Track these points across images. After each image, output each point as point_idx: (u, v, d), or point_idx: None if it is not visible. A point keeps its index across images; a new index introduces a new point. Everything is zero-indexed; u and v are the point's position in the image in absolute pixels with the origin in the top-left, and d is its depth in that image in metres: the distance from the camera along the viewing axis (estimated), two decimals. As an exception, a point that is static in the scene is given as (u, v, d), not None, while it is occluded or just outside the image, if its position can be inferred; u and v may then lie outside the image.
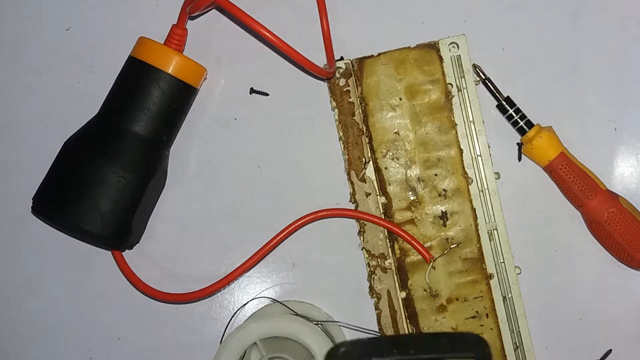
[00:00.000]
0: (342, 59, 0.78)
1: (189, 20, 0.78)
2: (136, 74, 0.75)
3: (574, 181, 0.74)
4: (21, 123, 0.82)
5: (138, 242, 0.79)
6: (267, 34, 0.71)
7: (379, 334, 0.77)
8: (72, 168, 0.74)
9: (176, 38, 0.77)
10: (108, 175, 0.72)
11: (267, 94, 0.80)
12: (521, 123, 0.76)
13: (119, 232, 0.74)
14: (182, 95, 0.76)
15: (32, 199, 0.75)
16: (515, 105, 0.76)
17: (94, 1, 0.81)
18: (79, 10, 0.81)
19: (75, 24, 0.81)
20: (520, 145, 0.77)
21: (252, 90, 0.80)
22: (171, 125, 0.77)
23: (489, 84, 0.76)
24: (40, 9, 0.82)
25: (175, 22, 0.77)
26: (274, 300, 0.79)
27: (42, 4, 0.82)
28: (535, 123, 0.76)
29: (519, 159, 0.78)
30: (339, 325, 0.78)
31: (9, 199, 0.82)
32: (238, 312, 0.80)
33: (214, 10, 0.80)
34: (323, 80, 0.78)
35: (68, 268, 0.81)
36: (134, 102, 0.74)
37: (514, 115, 0.76)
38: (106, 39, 0.81)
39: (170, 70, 0.74)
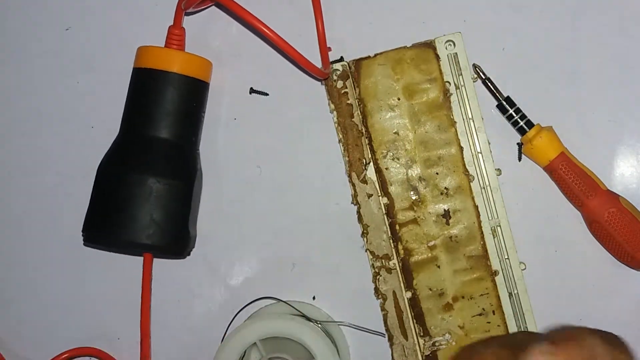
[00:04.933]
0: (342, 59, 0.78)
1: (187, 19, 0.78)
2: (147, 83, 0.75)
3: (574, 181, 0.74)
4: (20, 123, 0.81)
5: (194, 247, 0.79)
6: (264, 29, 0.70)
7: (382, 334, 0.77)
8: (115, 189, 0.73)
9: (175, 38, 0.77)
10: (153, 186, 0.72)
11: (267, 94, 0.80)
12: (521, 123, 0.76)
13: (180, 239, 0.74)
14: (196, 92, 0.76)
15: (82, 231, 0.75)
16: (515, 105, 0.76)
17: (94, 1, 0.81)
18: (78, 10, 0.81)
19: (74, 24, 0.81)
20: (520, 145, 0.77)
21: (252, 90, 0.80)
22: (195, 124, 0.77)
23: (489, 84, 0.76)
24: (40, 9, 0.81)
25: (172, 23, 0.77)
26: (278, 300, 0.79)
27: (42, 4, 0.81)
28: (535, 123, 0.76)
29: (519, 159, 0.78)
30: (339, 325, 0.78)
31: (9, 198, 0.81)
32: (239, 313, 0.79)
33: (213, 9, 0.80)
34: (319, 80, 0.78)
35: (68, 268, 0.81)
36: (153, 110, 0.74)
37: (514, 115, 0.76)
38: (106, 39, 0.81)
39: (178, 70, 0.74)
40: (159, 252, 0.77)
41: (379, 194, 0.76)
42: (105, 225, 0.74)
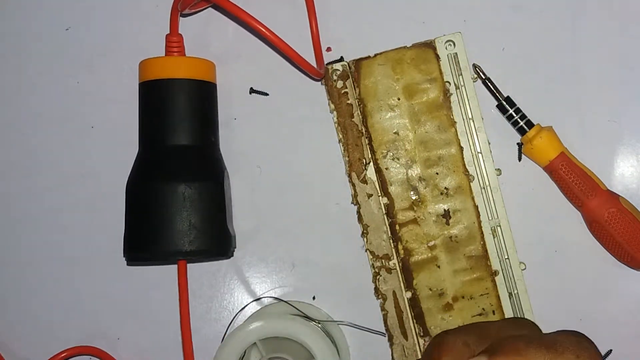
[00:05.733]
0: (342, 59, 0.78)
1: (184, 22, 0.79)
2: (156, 94, 0.75)
3: (574, 181, 0.74)
4: (20, 123, 0.81)
5: (236, 246, 0.79)
6: (259, 27, 0.70)
7: (383, 333, 0.77)
8: (149, 203, 0.73)
9: (174, 45, 0.77)
10: (185, 192, 0.72)
11: (267, 94, 0.80)
12: (521, 123, 0.76)
13: (222, 239, 0.75)
14: (205, 93, 0.76)
15: (125, 253, 0.75)
16: (515, 105, 0.76)
17: (94, 1, 0.81)
18: (78, 10, 0.81)
19: (74, 24, 0.81)
20: (520, 145, 0.77)
21: (252, 90, 0.80)
22: (211, 125, 0.77)
23: (489, 84, 0.76)
24: (40, 9, 0.81)
25: (169, 32, 0.77)
26: (278, 300, 0.79)
27: (42, 4, 0.81)
28: (535, 123, 0.76)
29: (519, 159, 0.78)
30: (339, 325, 0.78)
31: (9, 198, 0.81)
32: (239, 313, 0.79)
33: (210, 11, 0.80)
34: (316, 80, 0.78)
35: (68, 268, 0.81)
36: (168, 119, 0.74)
37: (514, 115, 0.76)
38: (106, 38, 0.81)
39: (184, 75, 0.75)
40: (203, 256, 0.77)
41: (379, 194, 0.76)
42: (146, 242, 0.73)
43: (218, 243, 0.74)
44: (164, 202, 0.72)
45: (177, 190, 0.72)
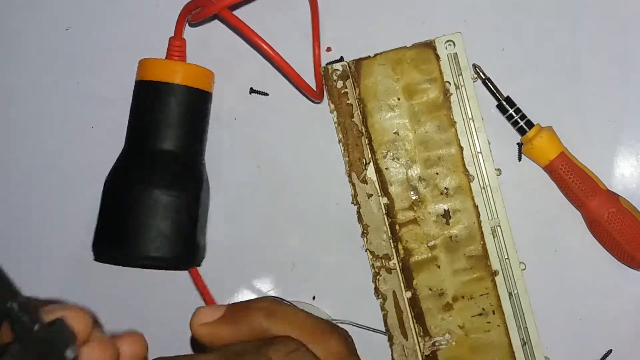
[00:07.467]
0: (342, 59, 0.78)
1: (187, 26, 0.78)
2: (149, 95, 0.75)
3: (574, 181, 0.74)
4: (20, 123, 0.81)
5: (205, 256, 0.78)
6: (266, 47, 0.72)
7: (384, 332, 0.77)
8: (122, 204, 0.73)
9: (176, 49, 0.77)
10: (160, 198, 0.72)
11: (267, 94, 0.80)
12: (521, 123, 0.76)
13: (189, 250, 0.74)
14: (198, 102, 0.76)
15: (92, 248, 0.74)
16: (515, 105, 0.76)
17: (94, 1, 0.81)
18: (79, 10, 0.81)
19: (75, 24, 0.81)
20: (520, 145, 0.77)
21: (252, 90, 0.80)
22: (198, 134, 0.77)
23: (489, 84, 0.76)
24: (40, 9, 0.81)
25: (173, 35, 0.77)
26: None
27: (42, 4, 0.81)
28: (535, 123, 0.76)
29: (519, 159, 0.78)
30: (340, 323, 0.78)
31: (9, 199, 0.81)
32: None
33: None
34: (315, 102, 0.79)
35: (69, 269, 0.81)
36: (156, 122, 0.74)
37: (514, 115, 0.76)
38: (106, 39, 0.81)
39: (180, 81, 0.74)
40: (169, 263, 0.77)
41: (379, 194, 0.76)
42: (113, 241, 0.73)
43: (184, 253, 0.74)
44: (136, 205, 0.72)
45: (151, 197, 0.72)
